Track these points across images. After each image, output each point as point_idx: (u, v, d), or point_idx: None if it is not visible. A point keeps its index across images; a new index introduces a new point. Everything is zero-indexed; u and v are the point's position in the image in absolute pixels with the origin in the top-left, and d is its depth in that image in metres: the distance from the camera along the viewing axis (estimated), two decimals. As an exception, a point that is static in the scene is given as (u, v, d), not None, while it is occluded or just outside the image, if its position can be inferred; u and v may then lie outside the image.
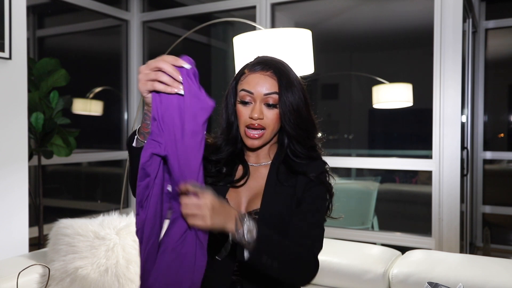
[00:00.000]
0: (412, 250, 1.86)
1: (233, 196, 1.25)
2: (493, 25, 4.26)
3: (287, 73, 1.21)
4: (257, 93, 1.19)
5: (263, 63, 1.22)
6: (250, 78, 1.21)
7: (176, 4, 3.98)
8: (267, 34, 2.16)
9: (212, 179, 1.25)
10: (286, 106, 1.19)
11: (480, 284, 1.52)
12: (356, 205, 3.82)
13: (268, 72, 1.20)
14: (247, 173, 1.26)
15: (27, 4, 2.21)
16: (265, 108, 1.19)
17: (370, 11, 4.25)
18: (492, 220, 4.40)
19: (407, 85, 3.84)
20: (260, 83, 1.19)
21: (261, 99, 1.19)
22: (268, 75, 1.20)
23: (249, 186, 1.25)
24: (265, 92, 1.18)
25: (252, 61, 1.26)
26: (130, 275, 1.92)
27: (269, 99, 1.19)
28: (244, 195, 1.25)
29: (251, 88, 1.19)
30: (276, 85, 1.19)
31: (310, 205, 1.20)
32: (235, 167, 1.28)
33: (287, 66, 1.24)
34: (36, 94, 2.61)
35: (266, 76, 1.20)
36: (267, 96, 1.18)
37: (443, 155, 2.83)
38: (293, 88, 1.20)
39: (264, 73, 1.20)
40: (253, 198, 1.24)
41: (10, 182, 2.14)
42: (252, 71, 1.21)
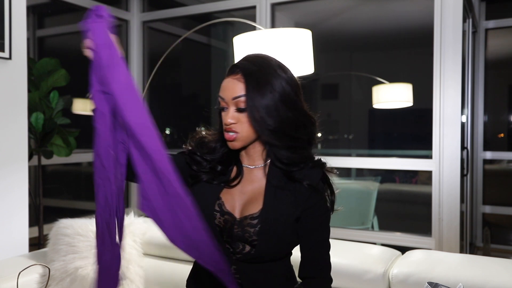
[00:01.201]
0: (412, 250, 1.86)
1: (227, 198, 1.22)
2: (493, 25, 4.26)
3: (260, 73, 1.15)
4: (227, 98, 1.16)
5: (235, 66, 1.18)
6: (223, 83, 1.19)
7: (176, 4, 3.98)
8: (267, 34, 2.16)
9: (208, 176, 1.24)
10: (255, 109, 1.13)
11: (480, 284, 1.52)
12: (356, 205, 3.82)
13: (238, 75, 1.16)
14: (240, 173, 1.24)
15: (27, 4, 2.21)
16: (237, 113, 1.16)
17: (370, 11, 4.25)
18: (492, 220, 4.40)
19: (407, 85, 3.84)
20: (229, 88, 1.16)
21: (232, 103, 1.15)
22: (237, 78, 1.16)
23: (243, 189, 1.23)
24: (233, 96, 1.15)
25: None
26: (130, 275, 1.92)
27: (238, 103, 1.14)
28: (239, 199, 1.22)
29: (222, 93, 1.17)
30: (244, 88, 1.14)
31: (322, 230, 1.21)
32: (230, 167, 1.26)
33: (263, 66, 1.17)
34: (36, 94, 2.61)
35: (234, 80, 1.16)
36: (236, 100, 1.15)
37: (443, 155, 2.83)
38: (264, 89, 1.14)
39: (234, 76, 1.16)
40: (248, 203, 1.21)
41: (10, 182, 2.14)
42: (226, 75, 1.19)
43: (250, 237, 1.16)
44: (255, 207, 1.19)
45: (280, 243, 1.18)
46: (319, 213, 1.19)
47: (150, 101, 4.07)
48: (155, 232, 2.04)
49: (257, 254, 1.17)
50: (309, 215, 1.18)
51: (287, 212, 1.17)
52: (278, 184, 1.19)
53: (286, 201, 1.18)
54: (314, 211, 1.19)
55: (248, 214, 1.18)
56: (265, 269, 1.20)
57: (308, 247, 1.21)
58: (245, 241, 1.18)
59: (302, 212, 1.18)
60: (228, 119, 1.16)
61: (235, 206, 1.21)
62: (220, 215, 1.20)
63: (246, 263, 1.19)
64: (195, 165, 1.25)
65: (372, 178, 4.08)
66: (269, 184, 1.20)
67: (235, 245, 1.19)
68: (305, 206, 1.18)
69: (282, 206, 1.17)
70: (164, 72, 3.28)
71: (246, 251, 1.18)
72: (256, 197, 1.20)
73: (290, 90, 1.17)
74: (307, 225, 1.19)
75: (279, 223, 1.16)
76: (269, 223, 1.16)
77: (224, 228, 1.19)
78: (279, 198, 1.18)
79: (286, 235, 1.17)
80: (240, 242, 1.18)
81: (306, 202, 1.18)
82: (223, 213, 1.20)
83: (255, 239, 1.16)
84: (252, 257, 1.18)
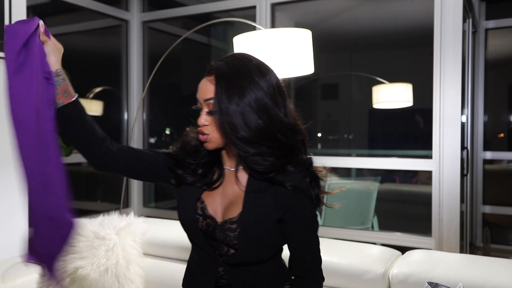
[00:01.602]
0: (412, 250, 1.86)
1: (210, 201, 1.22)
2: (493, 25, 4.26)
3: (232, 77, 1.11)
4: (200, 99, 1.16)
5: (211, 67, 1.15)
6: (200, 83, 1.18)
7: (176, 4, 3.98)
8: (267, 34, 2.16)
9: (192, 178, 1.23)
10: (221, 114, 1.10)
11: (480, 284, 1.52)
12: (356, 205, 3.82)
13: (211, 77, 1.13)
14: (221, 175, 1.23)
15: (27, 4, 2.21)
16: (206, 115, 1.15)
17: (370, 11, 4.25)
18: (492, 220, 4.40)
19: (407, 85, 3.84)
20: (202, 89, 1.15)
21: (204, 105, 1.15)
22: (210, 79, 1.13)
23: (224, 192, 1.22)
24: (204, 98, 1.14)
25: None
26: (130, 275, 1.92)
27: (209, 105, 1.13)
28: (220, 202, 1.21)
29: (197, 94, 1.17)
30: (213, 91, 1.12)
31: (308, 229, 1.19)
32: (213, 168, 1.24)
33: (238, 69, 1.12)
34: (36, 94, 2.61)
35: (207, 81, 1.14)
36: (207, 102, 1.13)
37: (443, 155, 2.83)
38: (233, 94, 1.09)
39: (208, 78, 1.15)
40: (229, 206, 1.20)
41: (10, 182, 2.14)
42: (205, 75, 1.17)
43: (231, 241, 1.16)
44: (234, 211, 1.17)
45: (261, 247, 1.17)
46: (303, 213, 1.16)
47: (150, 101, 4.08)
48: (155, 232, 2.04)
49: (239, 257, 1.17)
50: (292, 216, 1.15)
51: (267, 215, 1.14)
52: (258, 187, 1.16)
53: (266, 204, 1.15)
54: (297, 211, 1.15)
55: (228, 218, 1.17)
56: (252, 271, 1.20)
57: (295, 247, 1.19)
58: (227, 245, 1.17)
59: (284, 214, 1.15)
60: (201, 120, 1.15)
61: (217, 209, 1.20)
62: (203, 218, 1.20)
63: (233, 265, 1.19)
64: (180, 169, 1.24)
65: (372, 178, 4.07)
66: (249, 187, 1.17)
67: (220, 247, 1.19)
68: (286, 207, 1.14)
69: (262, 209, 1.14)
70: (164, 72, 3.27)
71: (230, 253, 1.18)
72: (237, 200, 1.18)
73: (264, 96, 1.11)
74: (291, 226, 1.16)
75: (259, 227, 1.14)
76: (248, 227, 1.14)
77: (207, 231, 1.19)
78: (259, 201, 1.15)
79: (267, 238, 1.15)
80: (225, 245, 1.18)
81: (288, 203, 1.14)
82: (206, 216, 1.20)
83: (236, 243, 1.15)
84: (237, 260, 1.18)
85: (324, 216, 3.73)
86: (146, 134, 4.00)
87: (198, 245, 1.23)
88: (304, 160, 1.17)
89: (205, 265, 1.23)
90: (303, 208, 1.16)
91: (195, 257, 1.27)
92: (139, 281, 1.96)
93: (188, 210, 1.21)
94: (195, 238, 1.23)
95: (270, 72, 1.16)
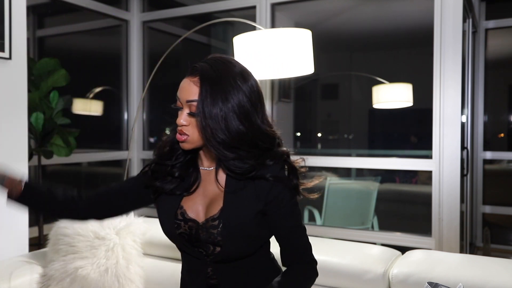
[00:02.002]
0: (412, 250, 1.86)
1: (189, 205, 1.21)
2: (493, 25, 4.26)
3: (216, 81, 1.11)
4: (182, 99, 1.13)
5: (195, 67, 1.14)
6: (181, 82, 1.16)
7: (176, 4, 3.98)
8: (267, 34, 2.16)
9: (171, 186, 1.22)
10: (204, 117, 1.09)
11: (480, 284, 1.52)
12: (356, 205, 3.82)
13: (195, 78, 1.12)
14: (198, 178, 1.22)
15: (27, 4, 2.21)
16: (187, 116, 1.13)
17: (370, 11, 4.25)
18: (492, 220, 4.40)
19: (407, 85, 3.84)
20: (185, 89, 1.13)
21: (186, 105, 1.13)
22: (194, 80, 1.12)
23: (204, 192, 1.22)
24: (187, 99, 1.12)
25: None
26: (130, 275, 1.92)
27: (191, 106, 1.12)
28: (201, 202, 1.21)
29: (179, 93, 1.15)
30: (198, 93, 1.10)
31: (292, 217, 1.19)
32: (189, 171, 1.23)
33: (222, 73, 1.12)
34: (36, 94, 2.61)
35: (191, 82, 1.12)
36: (189, 104, 1.12)
37: (443, 155, 2.83)
38: (217, 98, 1.09)
39: (191, 78, 1.13)
40: (210, 204, 1.20)
41: (10, 182, 2.14)
42: (187, 75, 1.16)
43: (215, 239, 1.16)
44: (215, 208, 1.18)
45: (245, 241, 1.17)
46: (284, 202, 1.17)
47: (150, 101, 4.08)
48: (155, 232, 2.04)
49: (225, 254, 1.17)
50: (275, 207, 1.16)
51: (249, 207, 1.15)
52: (237, 186, 1.17)
53: (246, 198, 1.16)
54: (279, 201, 1.16)
55: (209, 216, 1.18)
56: (241, 266, 1.21)
57: (283, 237, 1.20)
58: (212, 243, 1.18)
59: (266, 206, 1.16)
60: (180, 120, 1.13)
61: (198, 210, 1.21)
62: (184, 223, 1.20)
63: (221, 263, 1.20)
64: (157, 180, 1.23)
65: (372, 178, 4.07)
66: (228, 187, 1.18)
67: (205, 247, 1.19)
68: (267, 199, 1.16)
69: (243, 203, 1.16)
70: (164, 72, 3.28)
71: (216, 251, 1.18)
72: (217, 198, 1.19)
73: (246, 102, 1.12)
74: (275, 216, 1.17)
75: (241, 221, 1.15)
76: (230, 222, 1.15)
77: (190, 234, 1.20)
78: (239, 195, 1.16)
79: (250, 231, 1.16)
80: (210, 244, 1.18)
81: (268, 195, 1.15)
82: (187, 220, 1.20)
83: (220, 240, 1.16)
84: (223, 257, 1.18)
85: (324, 216, 3.73)
86: (146, 134, 4.00)
87: (185, 250, 1.24)
88: (281, 152, 1.19)
89: (195, 269, 1.23)
90: (284, 197, 1.17)
91: (185, 265, 1.28)
92: (139, 281, 1.96)
93: (169, 219, 1.22)
94: (180, 244, 1.23)
95: (251, 77, 1.17)
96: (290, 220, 1.19)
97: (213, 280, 1.21)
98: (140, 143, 3.94)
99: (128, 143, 3.86)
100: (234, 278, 1.21)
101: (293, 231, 1.20)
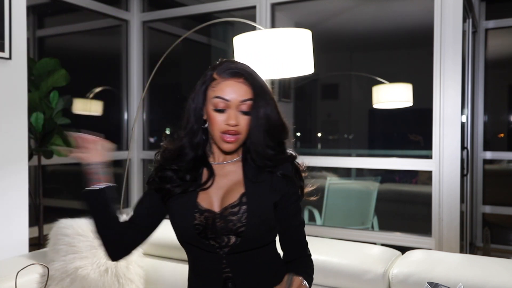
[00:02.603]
0: (412, 250, 1.86)
1: (203, 197, 1.25)
2: (493, 25, 4.26)
3: (258, 79, 1.23)
4: (233, 100, 1.19)
5: (233, 69, 1.21)
6: (223, 85, 1.20)
7: (176, 4, 3.98)
8: (267, 34, 2.16)
9: (181, 188, 1.25)
10: (259, 113, 1.21)
11: (480, 284, 1.52)
12: (356, 205, 3.82)
13: (241, 79, 1.21)
14: (212, 173, 1.27)
15: (27, 4, 2.21)
16: (239, 115, 1.20)
17: (370, 11, 4.25)
18: (492, 220, 4.40)
19: (407, 85, 3.84)
20: (235, 90, 1.20)
21: (236, 106, 1.20)
22: (241, 82, 1.21)
23: (218, 185, 1.26)
24: (241, 99, 1.20)
25: (219, 65, 1.24)
26: (130, 275, 1.92)
27: (244, 106, 1.20)
28: (215, 194, 1.25)
29: (226, 95, 1.19)
30: (250, 92, 1.21)
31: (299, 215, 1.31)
32: (199, 171, 1.28)
33: (255, 72, 1.25)
34: (36, 94, 2.61)
35: (239, 83, 1.20)
36: (242, 103, 1.20)
37: (443, 155, 2.83)
38: (265, 94, 1.23)
39: (237, 80, 1.20)
40: (226, 195, 1.24)
41: (10, 182, 2.14)
42: (223, 77, 1.21)
43: (234, 226, 1.19)
44: (233, 196, 1.23)
45: (266, 227, 1.23)
46: (294, 199, 1.28)
47: (150, 101, 4.08)
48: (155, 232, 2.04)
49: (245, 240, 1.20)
50: (286, 202, 1.27)
51: (268, 197, 1.24)
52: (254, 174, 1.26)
53: (265, 188, 1.25)
54: (290, 197, 1.27)
55: (227, 205, 1.22)
56: (253, 258, 1.24)
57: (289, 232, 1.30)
58: (229, 232, 1.20)
59: (280, 198, 1.25)
60: (232, 120, 1.19)
61: (212, 201, 1.24)
62: (199, 214, 1.22)
63: (235, 254, 1.22)
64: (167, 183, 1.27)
65: (372, 178, 4.08)
66: (246, 173, 1.26)
67: (220, 239, 1.21)
68: (282, 192, 1.26)
69: (263, 192, 1.24)
70: (164, 72, 3.27)
71: (232, 242, 1.20)
72: (233, 187, 1.25)
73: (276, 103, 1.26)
74: (285, 211, 1.27)
75: (263, 206, 1.22)
76: (254, 207, 1.21)
77: (206, 225, 1.21)
78: (257, 184, 1.25)
79: (270, 219, 1.23)
80: (225, 236, 1.20)
81: (283, 189, 1.26)
82: (202, 211, 1.23)
83: (239, 226, 1.19)
84: (240, 246, 1.20)
85: (324, 216, 3.73)
86: (146, 134, 4.00)
87: (198, 246, 1.24)
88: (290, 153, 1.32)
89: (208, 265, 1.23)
90: (294, 194, 1.28)
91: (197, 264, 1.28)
92: (139, 281, 1.96)
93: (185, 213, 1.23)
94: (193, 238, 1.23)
95: None
96: (297, 216, 1.30)
97: (227, 273, 1.22)
98: (140, 143, 3.95)
99: (128, 143, 3.86)
100: (247, 271, 1.23)
101: (298, 227, 1.31)
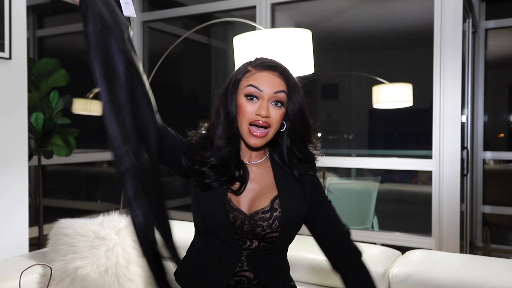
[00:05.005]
0: (412, 250, 1.86)
1: (233, 196, 1.21)
2: (493, 25, 4.26)
3: (291, 76, 1.24)
4: (267, 90, 1.17)
5: (269, 63, 1.22)
6: (258, 75, 1.19)
7: (176, 4, 3.98)
8: (267, 34, 2.16)
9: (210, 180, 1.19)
10: (294, 106, 1.21)
11: (480, 284, 1.52)
12: (356, 205, 3.82)
13: (276, 72, 1.21)
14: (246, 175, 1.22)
15: (27, 4, 2.21)
16: (272, 107, 1.18)
17: (370, 11, 4.25)
18: (492, 220, 4.40)
19: (407, 85, 3.83)
20: (270, 82, 1.19)
21: (269, 97, 1.18)
22: (277, 75, 1.20)
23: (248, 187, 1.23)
24: (275, 91, 1.18)
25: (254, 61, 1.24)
26: (130, 275, 1.92)
27: (278, 97, 1.19)
28: (244, 196, 1.22)
29: (260, 85, 1.18)
30: (284, 85, 1.20)
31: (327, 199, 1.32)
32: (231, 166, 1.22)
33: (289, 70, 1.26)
34: (36, 94, 2.61)
35: (275, 76, 1.20)
36: (276, 95, 1.18)
37: (443, 155, 2.83)
38: (299, 89, 1.23)
39: (272, 72, 1.20)
40: (255, 198, 1.21)
41: (10, 182, 2.14)
42: (258, 69, 1.20)
43: (263, 231, 1.18)
44: (264, 200, 1.21)
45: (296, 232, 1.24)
46: (321, 191, 1.30)
47: (150, 101, 4.07)
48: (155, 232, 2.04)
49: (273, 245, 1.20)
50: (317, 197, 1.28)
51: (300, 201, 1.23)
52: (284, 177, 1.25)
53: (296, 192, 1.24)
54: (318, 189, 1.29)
55: (258, 209, 1.20)
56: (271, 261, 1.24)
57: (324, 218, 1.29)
58: (255, 236, 1.19)
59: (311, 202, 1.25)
60: (263, 111, 1.16)
61: (240, 202, 1.22)
62: (230, 212, 1.20)
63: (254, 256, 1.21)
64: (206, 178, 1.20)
65: (372, 178, 4.07)
66: (277, 175, 1.25)
67: (241, 241, 1.20)
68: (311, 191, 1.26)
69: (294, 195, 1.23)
70: (164, 72, 3.27)
71: (253, 246, 1.20)
72: (263, 191, 1.23)
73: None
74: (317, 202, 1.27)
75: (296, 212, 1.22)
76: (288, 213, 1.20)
77: (234, 224, 1.20)
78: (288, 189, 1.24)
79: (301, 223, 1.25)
80: (247, 239, 1.20)
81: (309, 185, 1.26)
82: (232, 210, 1.20)
83: (268, 232, 1.18)
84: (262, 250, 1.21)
85: (324, 216, 3.72)
86: (146, 134, 4.00)
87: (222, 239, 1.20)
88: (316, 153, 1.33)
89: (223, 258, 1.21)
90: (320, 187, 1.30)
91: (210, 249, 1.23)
92: (139, 281, 1.96)
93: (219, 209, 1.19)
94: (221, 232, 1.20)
95: None
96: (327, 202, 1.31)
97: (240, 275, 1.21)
98: (140, 143, 3.94)
99: (128, 143, 3.85)
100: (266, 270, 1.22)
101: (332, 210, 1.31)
